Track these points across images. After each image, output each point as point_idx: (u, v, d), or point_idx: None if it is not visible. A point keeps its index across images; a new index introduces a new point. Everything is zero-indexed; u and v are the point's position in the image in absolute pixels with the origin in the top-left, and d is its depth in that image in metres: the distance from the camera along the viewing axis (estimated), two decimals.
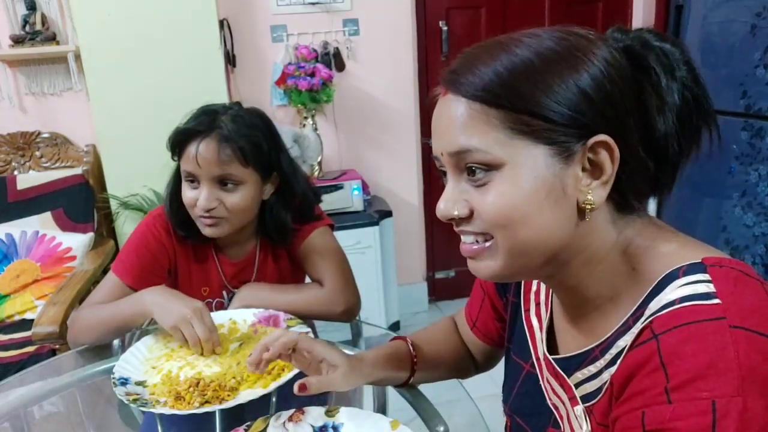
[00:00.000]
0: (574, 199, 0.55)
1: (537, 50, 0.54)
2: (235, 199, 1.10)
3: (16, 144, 2.43)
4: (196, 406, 0.86)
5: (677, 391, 0.47)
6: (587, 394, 0.61)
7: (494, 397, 0.81)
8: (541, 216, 0.54)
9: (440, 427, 0.88)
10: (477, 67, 0.55)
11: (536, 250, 0.56)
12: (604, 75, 0.54)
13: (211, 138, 1.07)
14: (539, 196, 0.54)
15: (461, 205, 0.58)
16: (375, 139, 2.78)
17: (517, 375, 0.75)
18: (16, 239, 2.20)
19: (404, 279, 2.90)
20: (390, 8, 2.62)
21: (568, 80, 0.53)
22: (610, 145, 0.54)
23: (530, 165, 0.54)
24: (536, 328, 0.72)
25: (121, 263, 1.17)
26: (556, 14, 2.83)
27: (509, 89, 0.53)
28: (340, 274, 1.19)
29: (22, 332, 1.90)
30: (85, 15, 2.17)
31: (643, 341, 0.52)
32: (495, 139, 0.54)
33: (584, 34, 0.57)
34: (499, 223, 0.55)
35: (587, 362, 0.61)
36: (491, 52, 0.56)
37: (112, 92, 2.24)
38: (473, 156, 0.55)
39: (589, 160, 0.55)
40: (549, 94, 0.53)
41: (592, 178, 0.55)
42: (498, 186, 0.55)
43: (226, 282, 1.24)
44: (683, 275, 0.53)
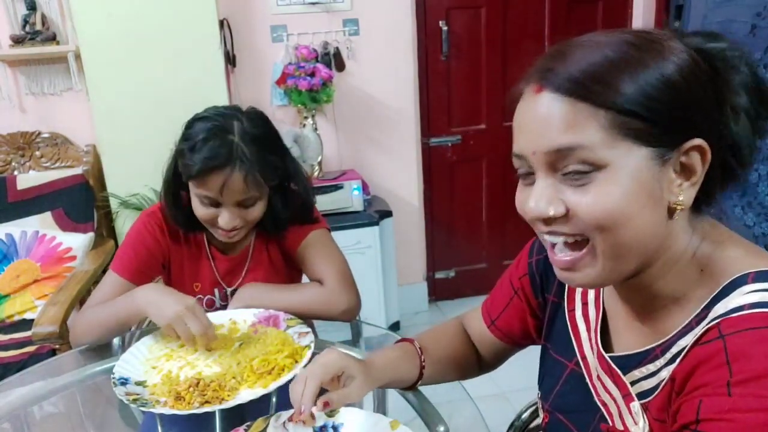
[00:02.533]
0: (667, 200, 0.56)
1: (629, 48, 0.55)
2: (255, 214, 1.14)
3: (16, 144, 2.43)
4: (196, 406, 0.86)
5: (740, 386, 0.48)
6: (643, 392, 0.62)
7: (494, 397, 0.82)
8: (640, 217, 0.55)
9: (440, 427, 0.88)
10: (573, 62, 0.55)
11: (633, 252, 0.57)
12: (694, 77, 0.55)
13: (236, 171, 1.06)
14: (640, 197, 0.54)
15: (557, 203, 0.56)
16: (375, 139, 2.77)
17: (560, 373, 0.76)
18: (16, 239, 2.20)
19: (404, 279, 2.90)
20: (390, 8, 2.62)
21: (667, 81, 0.53)
22: (704, 148, 0.55)
23: (632, 166, 0.54)
24: (583, 327, 0.73)
25: (119, 260, 1.19)
26: (556, 14, 2.83)
27: (611, 88, 0.53)
28: (340, 273, 1.19)
29: (22, 332, 1.90)
30: (85, 15, 2.17)
31: (708, 340, 0.53)
32: (601, 138, 0.53)
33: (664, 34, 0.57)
34: (600, 223, 0.55)
35: (647, 361, 0.61)
36: (582, 50, 0.56)
37: (112, 92, 2.24)
38: (578, 154, 0.54)
39: (681, 162, 0.55)
40: (651, 95, 0.53)
41: (683, 179, 0.56)
42: (600, 186, 0.54)
43: (219, 278, 1.25)
44: (752, 281, 0.54)
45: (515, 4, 2.78)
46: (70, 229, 2.29)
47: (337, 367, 0.76)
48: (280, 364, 0.94)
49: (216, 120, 1.09)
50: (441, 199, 2.98)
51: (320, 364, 0.76)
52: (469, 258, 3.07)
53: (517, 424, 1.04)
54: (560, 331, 0.77)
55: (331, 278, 1.18)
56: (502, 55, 2.84)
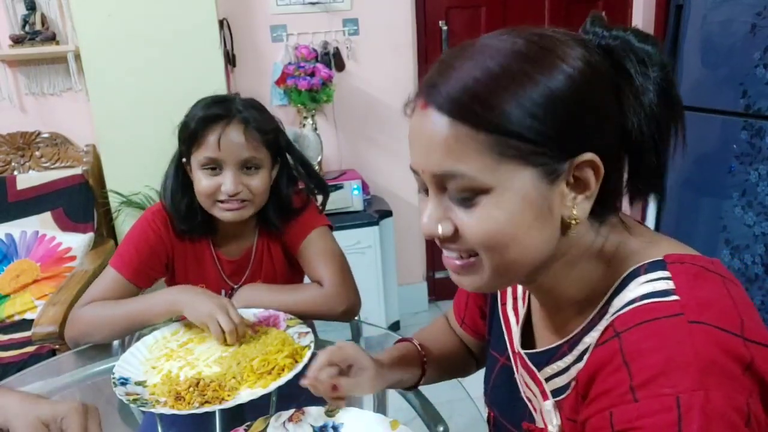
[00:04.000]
0: (559, 215, 0.55)
1: (517, 59, 0.52)
2: (257, 182, 1.13)
3: (16, 144, 2.43)
4: (196, 406, 0.86)
5: (641, 389, 0.48)
6: (557, 389, 0.62)
7: None
8: (528, 237, 0.54)
9: (440, 427, 0.88)
10: (456, 78, 0.53)
11: (522, 268, 0.56)
12: (587, 87, 0.52)
13: (235, 123, 1.09)
14: (527, 218, 0.53)
15: (445, 223, 0.56)
16: (375, 139, 2.77)
17: (493, 367, 0.77)
18: (16, 239, 2.20)
19: (404, 279, 2.90)
20: (390, 8, 2.62)
21: (553, 97, 0.51)
22: (596, 163, 0.53)
23: (518, 188, 0.52)
24: (513, 321, 0.73)
25: (119, 257, 1.18)
26: (556, 14, 2.83)
27: (494, 109, 0.51)
28: (340, 273, 1.19)
29: (22, 332, 1.90)
30: (85, 15, 2.17)
31: (606, 339, 0.53)
32: (483, 164, 0.52)
33: (559, 38, 0.55)
34: (485, 245, 0.55)
35: (556, 357, 0.62)
36: (469, 62, 0.53)
37: (112, 92, 2.24)
38: (459, 182, 0.53)
39: (573, 176, 0.54)
40: (535, 115, 0.51)
41: (576, 193, 0.54)
42: (485, 209, 0.53)
43: (225, 278, 1.25)
44: (645, 272, 0.54)
45: (515, 4, 2.78)
46: (70, 229, 2.29)
47: (351, 354, 0.77)
48: (280, 364, 0.94)
49: (215, 96, 1.16)
50: None
51: (338, 346, 0.78)
52: None
53: None
54: (496, 325, 0.77)
55: (331, 278, 1.18)
56: None
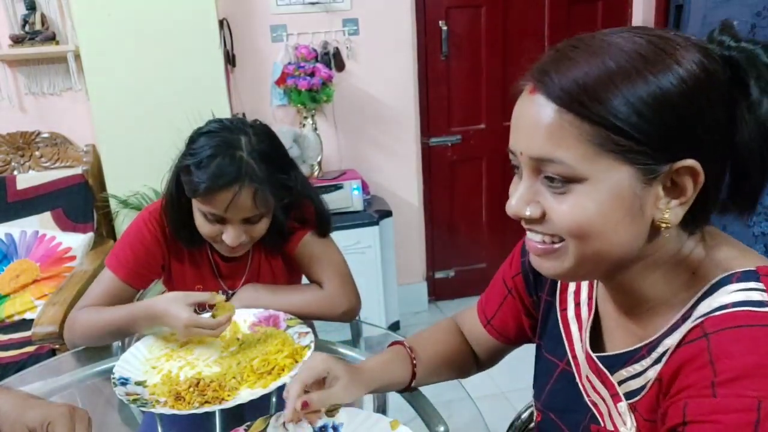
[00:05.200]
0: (650, 216, 0.55)
1: (633, 57, 0.52)
2: (260, 230, 1.11)
3: (16, 144, 2.43)
4: (196, 406, 0.86)
5: (723, 386, 0.48)
6: (631, 392, 0.62)
7: (494, 397, 0.82)
8: (615, 232, 0.54)
9: (440, 427, 0.88)
10: (569, 69, 0.53)
11: (605, 261, 0.57)
12: (699, 92, 0.52)
13: (245, 189, 1.02)
14: (617, 213, 0.54)
15: (534, 206, 0.57)
16: (375, 139, 2.77)
17: (551, 372, 0.76)
18: (16, 239, 2.20)
19: (404, 279, 2.90)
20: (390, 8, 2.62)
21: (663, 98, 0.51)
22: (696, 170, 0.53)
23: (613, 183, 0.53)
24: (575, 327, 0.73)
25: (116, 258, 1.17)
26: (556, 14, 2.83)
27: (601, 103, 0.51)
28: (339, 274, 1.19)
29: (22, 332, 1.90)
30: (85, 15, 2.17)
31: (692, 339, 0.53)
32: (582, 154, 0.53)
33: (680, 42, 0.54)
34: (572, 233, 0.55)
35: (633, 360, 0.61)
36: (585, 55, 0.54)
37: (112, 92, 2.24)
38: (556, 167, 0.54)
39: (671, 180, 0.54)
40: (642, 113, 0.51)
41: (672, 198, 0.54)
42: (576, 198, 0.54)
43: (222, 282, 1.24)
44: (736, 281, 0.54)
45: (515, 4, 2.78)
46: (70, 229, 2.29)
47: (320, 369, 0.78)
48: (280, 364, 0.94)
49: (222, 135, 1.06)
50: (441, 198, 2.98)
51: (305, 367, 0.79)
52: (469, 258, 3.07)
53: (517, 424, 1.04)
54: (552, 330, 0.77)
55: (330, 279, 1.18)
56: (502, 55, 2.84)
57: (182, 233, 1.17)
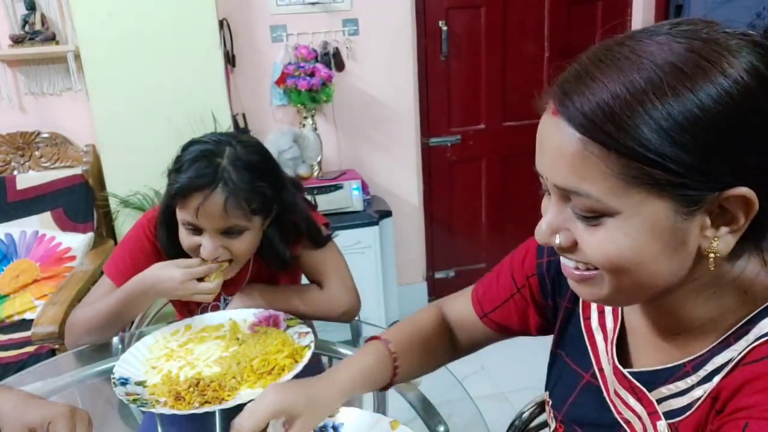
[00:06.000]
0: (696, 245, 0.50)
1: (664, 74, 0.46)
2: (240, 245, 1.07)
3: (16, 144, 2.43)
4: (196, 406, 0.86)
5: None
6: (673, 411, 0.57)
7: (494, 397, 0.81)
8: (653, 265, 0.50)
9: (440, 427, 0.88)
10: (593, 91, 0.48)
11: (645, 291, 0.53)
12: (747, 108, 0.45)
13: (216, 193, 1.00)
14: (654, 247, 0.49)
15: (564, 235, 0.53)
16: (375, 139, 2.77)
17: (574, 384, 0.72)
18: (16, 239, 2.20)
19: (404, 279, 2.90)
20: (390, 8, 2.62)
21: (702, 121, 0.45)
22: (749, 198, 0.47)
23: (648, 216, 0.48)
24: (600, 338, 0.68)
25: (114, 265, 1.16)
26: (556, 14, 2.83)
27: (629, 131, 0.46)
28: (339, 275, 1.19)
29: (22, 332, 1.90)
30: (85, 15, 2.17)
31: (756, 359, 0.49)
32: (610, 188, 0.48)
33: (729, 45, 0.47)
34: (605, 267, 0.52)
35: (675, 378, 0.57)
36: (611, 72, 0.48)
37: (112, 92, 2.24)
38: (584, 201, 0.49)
39: (719, 207, 0.48)
40: (678, 140, 0.45)
41: (720, 225, 0.49)
42: (609, 232, 0.50)
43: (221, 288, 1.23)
44: None
45: (515, 4, 2.78)
46: (70, 229, 2.29)
47: (269, 414, 0.69)
48: (280, 364, 0.94)
49: (209, 143, 1.06)
50: (441, 199, 2.98)
51: (249, 413, 0.70)
52: (469, 258, 3.07)
53: (517, 424, 1.04)
54: (575, 339, 0.72)
55: (330, 280, 1.18)
56: (502, 55, 2.84)
57: (169, 247, 1.13)
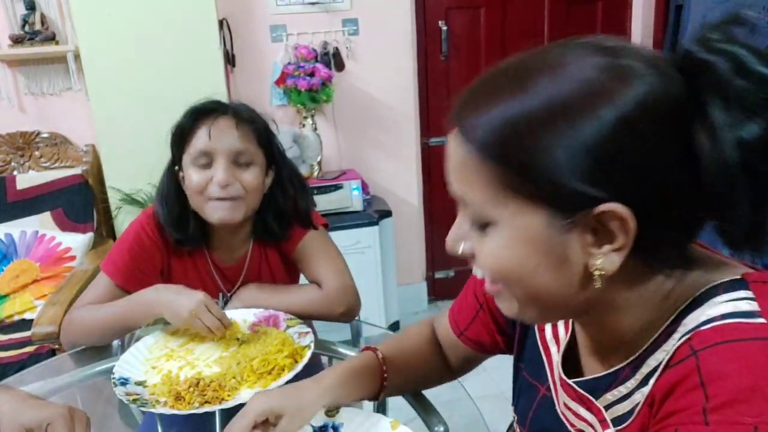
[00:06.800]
0: (582, 263, 0.50)
1: (551, 97, 0.47)
2: (250, 177, 1.11)
3: (16, 144, 2.43)
4: (196, 406, 0.86)
5: (716, 413, 0.44)
6: (618, 417, 0.57)
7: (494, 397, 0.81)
8: (537, 278, 0.51)
9: (440, 427, 0.88)
10: (480, 108, 0.50)
11: (547, 303, 0.53)
12: (624, 132, 0.46)
13: (227, 115, 1.11)
14: (533, 260, 0.50)
15: (466, 245, 0.55)
16: (375, 139, 2.78)
17: (533, 397, 0.72)
18: (16, 239, 2.20)
19: (404, 279, 2.90)
20: (390, 8, 2.62)
21: (578, 137, 0.46)
22: (621, 215, 0.47)
23: (524, 228, 0.50)
24: (554, 349, 0.68)
25: (112, 263, 1.16)
26: (555, 14, 2.83)
27: (508, 144, 0.48)
28: (339, 274, 1.19)
29: (22, 332, 1.90)
30: (85, 15, 2.17)
31: (681, 358, 0.49)
32: (488, 196, 0.50)
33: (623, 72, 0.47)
34: (492, 276, 0.54)
35: (617, 383, 0.57)
36: (499, 91, 0.50)
37: (112, 92, 2.24)
38: (471, 210, 0.52)
39: (599, 223, 0.48)
40: (552, 155, 0.46)
41: (603, 243, 0.49)
42: (492, 242, 0.52)
43: (221, 285, 1.24)
44: (723, 292, 0.50)
45: (515, 4, 2.78)
46: (70, 229, 2.29)
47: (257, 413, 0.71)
48: (280, 364, 0.94)
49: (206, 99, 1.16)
50: (441, 198, 2.98)
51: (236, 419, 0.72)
52: None
53: None
54: (532, 352, 0.72)
55: (329, 279, 1.18)
56: (502, 55, 2.78)
57: (176, 228, 1.15)
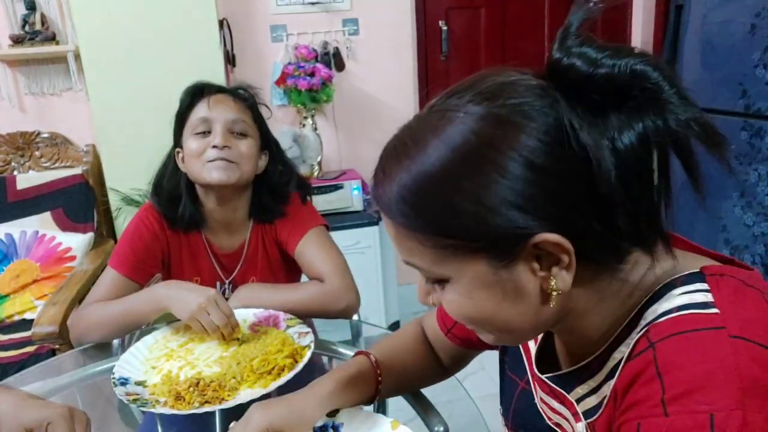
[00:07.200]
0: (537, 287, 0.52)
1: (442, 158, 0.49)
2: (245, 146, 1.18)
3: (16, 144, 2.43)
4: (196, 406, 0.86)
5: (674, 403, 0.45)
6: (588, 410, 0.58)
7: (494, 397, 0.81)
8: (503, 314, 0.53)
9: (440, 427, 0.88)
10: (386, 185, 0.52)
11: (518, 329, 0.56)
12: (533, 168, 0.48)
13: (224, 92, 1.22)
14: (493, 300, 0.52)
15: (433, 297, 0.58)
16: (375, 139, 2.76)
17: (513, 391, 0.74)
18: (16, 239, 2.20)
19: (404, 279, 2.89)
20: (390, 8, 2.62)
21: (483, 188, 0.48)
22: (555, 241, 0.48)
23: (473, 276, 0.52)
24: (532, 343, 0.70)
25: (116, 256, 1.20)
26: (555, 14, 2.84)
27: (421, 213, 0.51)
28: (339, 271, 1.19)
29: (22, 332, 1.90)
30: (85, 15, 2.17)
31: (640, 351, 0.50)
32: (430, 260, 0.53)
33: (509, 122, 0.49)
34: (463, 322, 0.56)
35: (586, 376, 0.59)
36: (397, 163, 0.52)
37: (112, 92, 2.24)
38: (422, 272, 0.55)
39: (539, 250, 0.50)
40: (466, 210, 0.49)
41: (551, 266, 0.51)
42: (450, 294, 0.54)
43: (219, 272, 1.26)
44: (681, 285, 0.51)
45: (515, 4, 2.78)
46: (70, 229, 2.29)
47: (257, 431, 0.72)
48: (280, 364, 0.94)
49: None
50: None
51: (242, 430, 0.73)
52: None
53: None
54: (513, 347, 0.74)
55: (331, 276, 1.18)
56: (502, 55, 2.84)
57: (170, 204, 1.21)
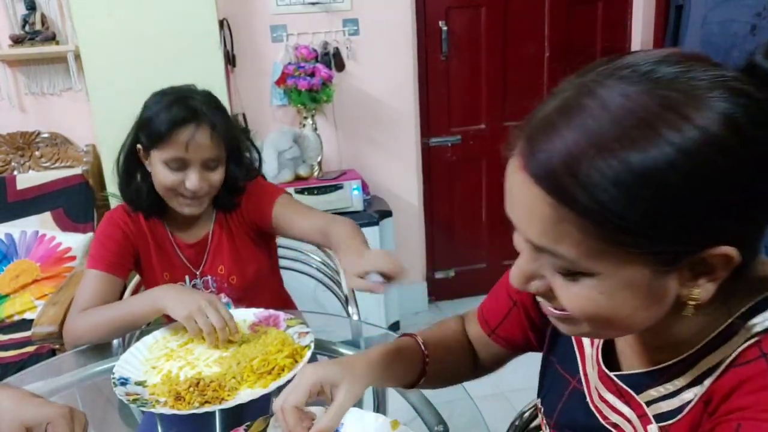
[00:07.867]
0: (675, 294, 0.49)
1: (628, 130, 0.43)
2: (217, 177, 1.20)
3: (16, 144, 2.43)
4: (196, 406, 0.86)
5: None
6: (663, 413, 0.56)
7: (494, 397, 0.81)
8: (632, 317, 0.50)
9: (440, 427, 0.88)
10: (554, 146, 0.45)
11: (631, 329, 0.53)
12: (725, 169, 0.43)
13: (202, 128, 1.15)
14: (633, 303, 0.48)
15: (540, 282, 0.52)
16: (375, 139, 2.77)
17: (563, 389, 0.71)
18: (16, 239, 2.20)
19: None
20: (390, 8, 2.62)
21: (674, 189, 0.43)
22: (729, 254, 0.45)
23: (626, 277, 0.47)
24: (587, 341, 0.68)
25: (92, 258, 1.22)
26: (556, 14, 2.83)
27: (598, 198, 0.44)
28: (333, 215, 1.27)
29: (22, 332, 1.90)
30: (85, 15, 2.16)
31: (748, 360, 0.48)
32: (586, 251, 0.46)
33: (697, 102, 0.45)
34: (582, 318, 0.51)
35: (664, 379, 0.56)
36: (573, 124, 0.45)
37: (112, 92, 2.23)
38: (557, 263, 0.48)
39: (699, 263, 0.47)
40: (650, 208, 0.43)
41: (702, 276, 0.48)
42: (585, 289, 0.48)
43: (186, 263, 1.27)
44: None
45: (515, 4, 2.78)
46: (70, 229, 2.29)
47: (310, 383, 0.69)
48: (280, 364, 0.94)
49: (173, 92, 1.21)
50: (441, 199, 2.98)
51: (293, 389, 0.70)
52: (469, 258, 3.07)
53: (518, 424, 1.04)
54: (565, 344, 0.72)
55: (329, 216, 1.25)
56: (502, 55, 2.84)
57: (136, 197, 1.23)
